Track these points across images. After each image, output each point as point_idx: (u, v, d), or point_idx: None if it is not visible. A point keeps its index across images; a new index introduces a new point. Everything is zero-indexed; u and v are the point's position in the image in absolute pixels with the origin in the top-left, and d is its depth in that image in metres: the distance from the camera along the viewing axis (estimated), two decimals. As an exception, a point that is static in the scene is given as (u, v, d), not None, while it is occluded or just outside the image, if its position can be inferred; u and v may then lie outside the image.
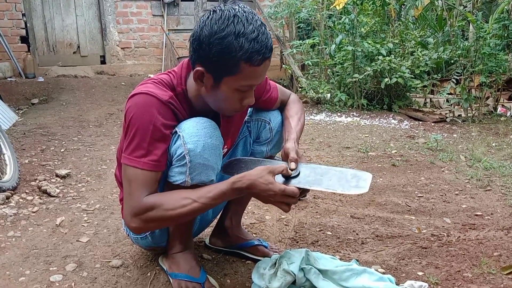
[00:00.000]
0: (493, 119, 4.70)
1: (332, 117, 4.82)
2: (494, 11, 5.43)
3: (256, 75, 1.17)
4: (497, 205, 2.24)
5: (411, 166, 2.96)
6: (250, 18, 1.13)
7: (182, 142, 1.20)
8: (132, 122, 1.20)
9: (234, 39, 1.10)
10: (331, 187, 1.20)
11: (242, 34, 1.10)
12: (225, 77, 1.16)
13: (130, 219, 1.21)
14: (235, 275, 1.52)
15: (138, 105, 1.20)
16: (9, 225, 1.91)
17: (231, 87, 1.18)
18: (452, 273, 1.54)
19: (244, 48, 1.10)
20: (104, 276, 1.50)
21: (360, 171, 1.25)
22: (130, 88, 5.99)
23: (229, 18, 1.11)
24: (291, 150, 1.31)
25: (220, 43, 1.11)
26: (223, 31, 1.10)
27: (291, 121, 1.48)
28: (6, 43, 6.22)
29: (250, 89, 1.22)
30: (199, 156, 1.21)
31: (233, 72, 1.14)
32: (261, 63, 1.15)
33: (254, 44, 1.11)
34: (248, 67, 1.13)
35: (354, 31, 5.10)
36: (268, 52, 1.15)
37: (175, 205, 1.18)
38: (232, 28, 1.10)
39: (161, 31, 7.32)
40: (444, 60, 5.31)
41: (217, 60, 1.13)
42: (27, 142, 3.32)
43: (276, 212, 2.13)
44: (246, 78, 1.16)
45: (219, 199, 1.20)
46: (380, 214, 2.12)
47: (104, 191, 2.37)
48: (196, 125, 1.22)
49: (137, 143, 1.19)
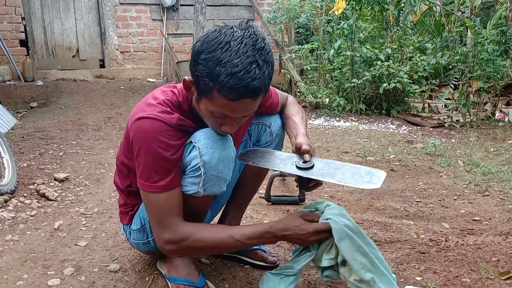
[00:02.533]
0: (491, 124, 4.71)
1: (330, 121, 4.83)
2: (492, 17, 5.47)
3: (230, 109, 1.11)
4: (495, 210, 2.24)
5: (410, 171, 2.96)
6: (244, 52, 1.05)
7: (197, 154, 1.20)
8: (142, 150, 1.19)
9: (215, 66, 1.05)
10: (343, 180, 1.21)
11: (223, 64, 1.04)
12: (202, 97, 1.13)
13: (164, 244, 1.26)
14: (233, 279, 1.52)
15: (147, 132, 1.18)
16: (7, 228, 1.91)
17: (207, 108, 1.15)
18: (450, 278, 1.54)
19: (219, 79, 1.05)
20: (102, 280, 1.49)
21: (375, 169, 1.26)
22: (129, 92, 6.00)
23: (221, 42, 1.06)
24: (304, 143, 1.31)
25: (202, 63, 1.08)
26: (208, 54, 1.07)
27: (295, 119, 1.48)
28: (6, 47, 6.22)
29: (228, 118, 1.15)
30: (214, 168, 1.21)
31: (207, 95, 1.11)
32: (236, 100, 1.07)
33: (230, 79, 1.04)
34: (221, 97, 1.08)
35: (353, 36, 5.12)
36: (250, 92, 1.07)
37: (212, 237, 1.24)
38: (218, 54, 1.05)
39: (160, 35, 7.33)
40: (442, 66, 5.33)
41: (197, 78, 1.11)
42: (26, 145, 3.32)
43: (275, 216, 2.13)
44: (219, 107, 1.11)
45: (255, 239, 1.26)
46: (379, 219, 2.12)
47: (103, 195, 2.37)
48: (212, 136, 1.22)
49: (151, 171, 1.20)
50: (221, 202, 1.60)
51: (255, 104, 1.14)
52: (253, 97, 1.10)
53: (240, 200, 1.64)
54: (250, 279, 1.53)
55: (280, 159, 1.33)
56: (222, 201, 1.60)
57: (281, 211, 2.20)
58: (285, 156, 1.35)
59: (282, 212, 2.19)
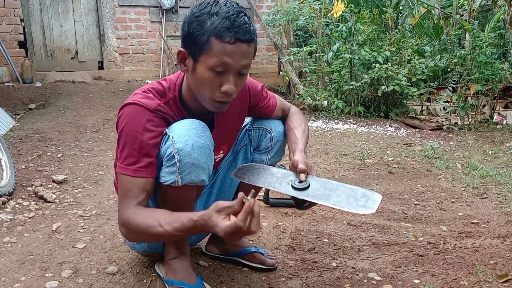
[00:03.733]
0: (489, 127, 4.72)
1: (329, 124, 4.83)
2: (490, 20, 5.49)
3: (227, 52, 1.16)
4: (493, 213, 2.25)
5: (408, 173, 2.96)
6: (230, 5, 1.17)
7: (171, 142, 1.22)
8: (123, 132, 1.25)
9: (208, 18, 1.16)
10: (338, 203, 1.19)
11: (216, 13, 1.15)
12: (200, 55, 1.18)
13: (119, 225, 1.27)
14: (231, 282, 1.52)
15: (128, 115, 1.25)
16: (4, 230, 1.90)
17: (206, 66, 1.18)
18: (449, 281, 1.54)
19: (214, 24, 1.14)
20: (100, 282, 1.49)
21: (371, 191, 1.23)
22: (127, 94, 5.98)
23: (209, 2, 1.18)
24: (300, 162, 1.29)
25: (195, 21, 1.17)
26: (199, 11, 1.17)
27: (296, 132, 1.48)
28: (4, 48, 6.21)
29: (228, 69, 1.19)
30: (188, 155, 1.22)
31: (205, 48, 1.16)
32: (233, 42, 1.15)
33: (225, 21, 1.14)
34: (218, 43, 1.15)
35: (351, 39, 5.13)
36: (243, 34, 1.15)
37: (144, 223, 1.19)
38: (209, 9, 1.17)
39: (159, 37, 7.33)
40: (440, 68, 5.35)
41: (191, 37, 1.18)
42: (24, 147, 3.32)
43: (273, 219, 2.13)
44: (217, 55, 1.16)
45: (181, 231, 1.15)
46: (377, 222, 2.12)
47: (101, 197, 2.36)
48: (186, 125, 1.25)
49: (128, 152, 1.23)
50: None
51: (250, 55, 1.21)
52: (248, 42, 1.18)
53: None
54: (248, 282, 1.53)
55: (276, 177, 1.31)
56: None
57: (280, 214, 2.20)
58: (281, 173, 1.33)
59: (281, 214, 2.19)
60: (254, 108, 1.50)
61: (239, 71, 1.20)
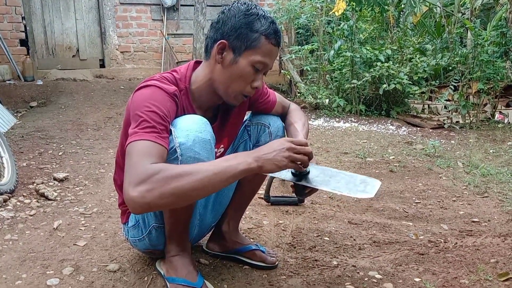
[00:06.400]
0: (491, 125, 4.72)
1: (330, 122, 4.83)
2: (492, 19, 5.48)
3: (271, 54, 1.29)
4: (494, 212, 2.25)
5: (409, 172, 2.96)
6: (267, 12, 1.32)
7: (173, 137, 1.22)
8: (138, 109, 1.18)
9: (257, 18, 1.26)
10: (337, 188, 1.21)
11: (263, 16, 1.27)
12: (246, 50, 1.26)
13: (132, 188, 1.04)
14: (232, 280, 1.52)
15: (145, 94, 1.22)
16: (6, 228, 1.91)
17: (250, 61, 1.26)
18: (449, 279, 1.54)
19: (264, 25, 1.26)
20: (101, 280, 1.49)
21: (370, 177, 1.25)
22: (129, 92, 5.99)
23: (252, 5, 1.29)
24: None
25: (246, 18, 1.26)
26: (248, 11, 1.27)
27: (296, 126, 1.50)
28: (6, 46, 6.22)
29: (263, 68, 1.30)
30: (189, 149, 1.21)
31: (254, 45, 1.26)
32: (275, 44, 1.29)
33: (272, 25, 1.28)
34: (267, 43, 1.27)
35: (353, 37, 5.12)
36: (280, 40, 1.31)
37: (185, 169, 1.08)
38: (256, 11, 1.28)
39: (160, 35, 7.33)
40: (442, 67, 5.34)
41: (241, 32, 1.25)
42: (25, 145, 3.32)
43: (274, 217, 2.13)
44: (263, 54, 1.27)
45: (233, 167, 1.11)
46: (378, 220, 2.12)
47: (102, 195, 2.37)
48: (187, 120, 1.25)
49: (145, 123, 1.16)
50: (223, 204, 1.61)
51: (276, 56, 1.35)
52: (280, 46, 1.33)
53: (240, 201, 1.65)
54: (249, 279, 1.53)
55: None
56: (224, 203, 1.61)
57: (280, 212, 2.20)
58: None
59: (282, 212, 2.20)
60: (254, 103, 1.52)
61: (266, 71, 1.33)
